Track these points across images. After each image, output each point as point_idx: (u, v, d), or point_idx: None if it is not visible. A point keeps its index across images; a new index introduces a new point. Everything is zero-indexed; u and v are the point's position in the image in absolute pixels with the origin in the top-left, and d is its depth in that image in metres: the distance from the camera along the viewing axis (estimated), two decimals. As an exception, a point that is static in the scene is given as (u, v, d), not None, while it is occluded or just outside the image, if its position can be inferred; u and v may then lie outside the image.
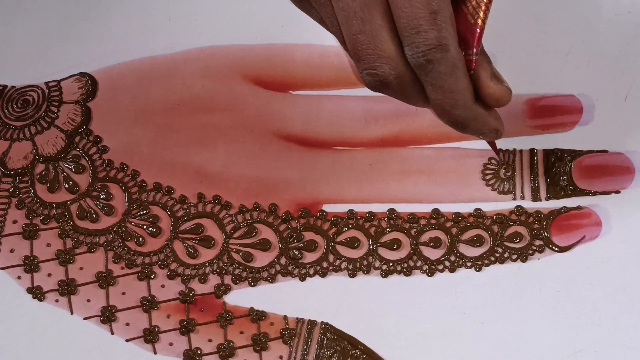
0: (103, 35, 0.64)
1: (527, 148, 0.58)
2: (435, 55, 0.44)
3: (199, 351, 0.55)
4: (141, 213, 0.59)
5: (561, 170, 0.58)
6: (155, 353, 0.55)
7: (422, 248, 0.56)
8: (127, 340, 0.56)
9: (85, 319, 0.57)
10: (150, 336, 0.56)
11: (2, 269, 0.58)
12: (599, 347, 0.53)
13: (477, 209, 0.57)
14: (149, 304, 0.56)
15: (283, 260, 0.57)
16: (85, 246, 0.58)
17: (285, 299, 0.56)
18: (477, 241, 0.56)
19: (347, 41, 0.45)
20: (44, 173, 0.60)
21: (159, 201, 0.59)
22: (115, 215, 0.59)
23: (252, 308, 0.56)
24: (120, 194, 0.59)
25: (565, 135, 0.58)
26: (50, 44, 0.64)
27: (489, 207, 0.57)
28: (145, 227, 0.58)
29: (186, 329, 0.56)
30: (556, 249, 0.56)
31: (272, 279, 0.57)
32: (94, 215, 0.59)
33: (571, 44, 0.60)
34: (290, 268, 0.57)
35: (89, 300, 0.57)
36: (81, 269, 0.58)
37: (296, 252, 0.57)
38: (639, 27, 0.61)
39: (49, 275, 0.58)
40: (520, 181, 0.58)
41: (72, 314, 0.57)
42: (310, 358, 0.54)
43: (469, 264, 0.56)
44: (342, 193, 0.58)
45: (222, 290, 0.57)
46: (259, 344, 0.55)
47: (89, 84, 0.62)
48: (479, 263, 0.56)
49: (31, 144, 0.61)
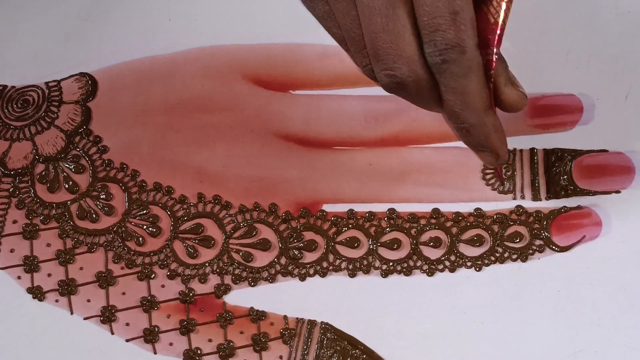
0: (103, 35, 0.64)
1: (527, 147, 0.58)
2: (451, 55, 0.43)
3: (199, 351, 0.55)
4: (141, 213, 0.59)
5: (561, 169, 0.58)
6: (155, 353, 0.55)
7: (422, 248, 0.56)
8: (127, 340, 0.56)
9: (85, 319, 0.57)
10: (150, 336, 0.56)
11: (2, 269, 0.58)
12: (599, 347, 0.53)
13: (477, 209, 0.57)
14: (149, 304, 0.56)
15: (283, 260, 0.57)
16: (85, 246, 0.58)
17: (285, 299, 0.56)
18: (477, 241, 0.56)
19: (367, 39, 0.44)
20: (44, 173, 0.60)
21: (159, 201, 0.59)
22: (115, 215, 0.59)
23: (252, 308, 0.56)
24: (120, 194, 0.59)
25: (565, 134, 0.58)
26: (50, 44, 0.64)
27: (489, 207, 0.57)
28: (145, 227, 0.58)
29: (186, 329, 0.56)
30: (556, 249, 0.56)
31: (272, 279, 0.57)
32: (94, 215, 0.59)
33: (571, 44, 0.60)
34: (290, 268, 0.57)
35: (89, 300, 0.57)
36: (81, 269, 0.58)
37: (296, 252, 0.57)
38: (639, 27, 0.61)
39: (49, 275, 0.58)
40: (521, 181, 0.58)
41: (72, 314, 0.57)
42: (310, 358, 0.54)
43: (469, 263, 0.56)
44: (342, 193, 0.58)
45: (222, 290, 0.57)
46: (259, 344, 0.55)
47: (89, 84, 0.62)
48: (479, 263, 0.56)
49: (31, 144, 0.61)
